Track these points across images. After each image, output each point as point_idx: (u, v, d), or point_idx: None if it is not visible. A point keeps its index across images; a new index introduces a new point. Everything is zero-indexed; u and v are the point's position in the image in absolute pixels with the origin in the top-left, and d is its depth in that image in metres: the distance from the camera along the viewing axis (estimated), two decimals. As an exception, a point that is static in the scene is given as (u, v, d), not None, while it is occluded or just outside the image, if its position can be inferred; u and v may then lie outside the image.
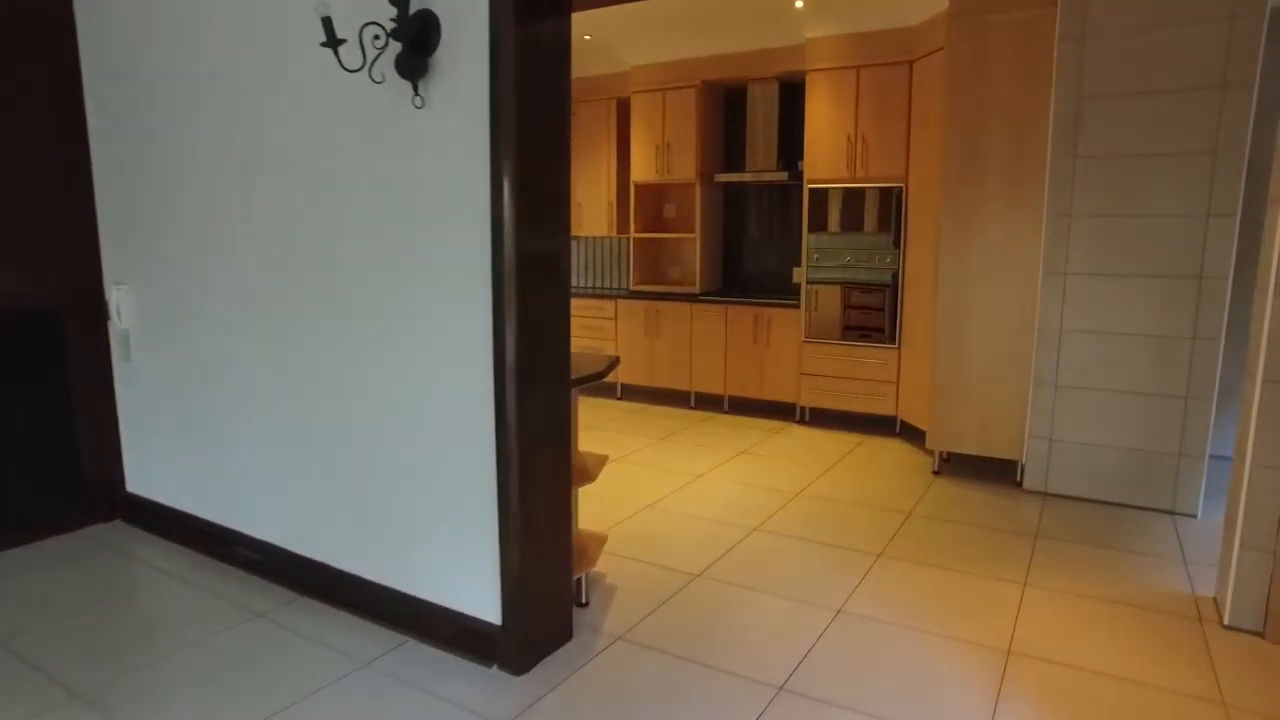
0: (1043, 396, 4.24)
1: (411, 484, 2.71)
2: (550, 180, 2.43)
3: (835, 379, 5.59)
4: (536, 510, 2.54)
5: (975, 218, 4.33)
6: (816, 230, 5.54)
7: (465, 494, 2.57)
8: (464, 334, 2.47)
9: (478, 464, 2.51)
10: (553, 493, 2.62)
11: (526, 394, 2.42)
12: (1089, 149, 3.98)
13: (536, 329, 2.44)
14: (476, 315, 2.43)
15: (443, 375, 2.56)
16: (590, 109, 6.74)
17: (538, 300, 2.44)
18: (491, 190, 2.32)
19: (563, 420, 2.61)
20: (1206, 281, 3.83)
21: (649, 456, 5.03)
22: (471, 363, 2.47)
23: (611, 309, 6.54)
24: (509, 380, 2.38)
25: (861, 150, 5.31)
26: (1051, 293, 4.14)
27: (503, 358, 2.39)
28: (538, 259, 2.41)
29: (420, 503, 2.70)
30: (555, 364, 2.55)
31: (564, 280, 2.55)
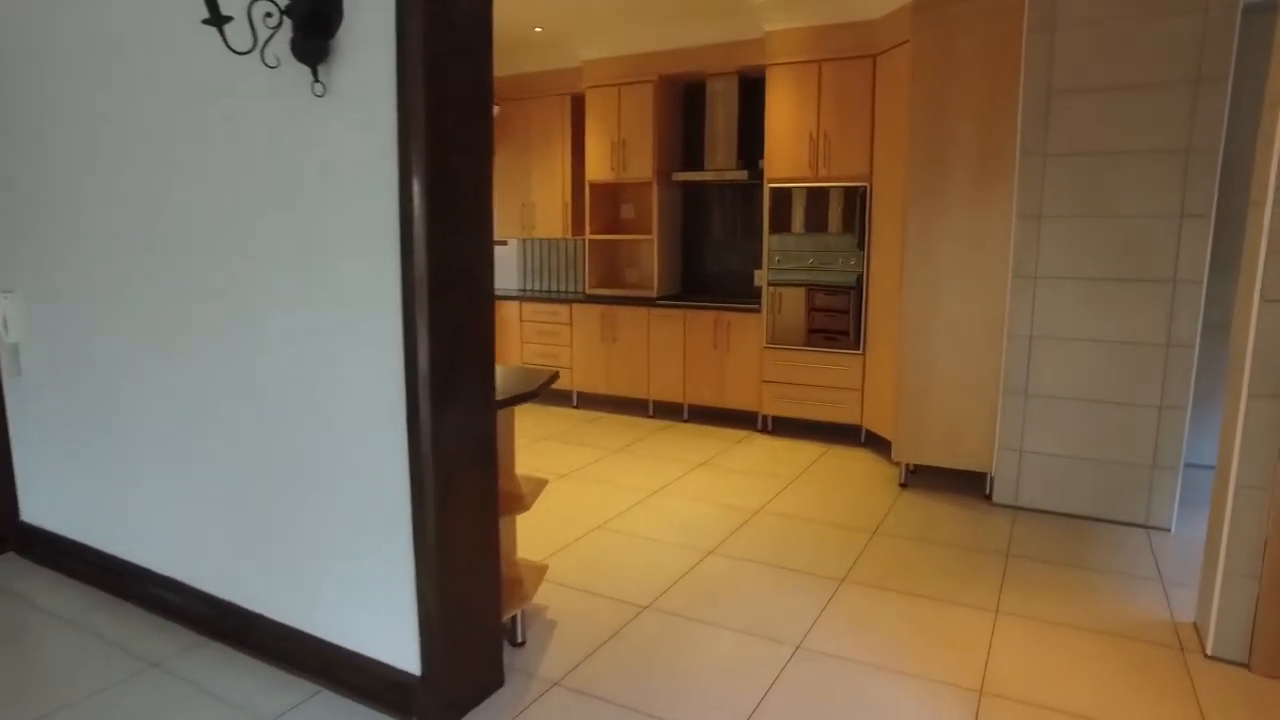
0: (1012, 406, 4.05)
1: (320, 516, 2.42)
2: (469, 176, 2.16)
3: (798, 386, 5.36)
4: (458, 545, 2.27)
5: (941, 218, 4.13)
6: (778, 231, 5.32)
7: (377, 528, 2.29)
8: (373, 350, 2.19)
9: (390, 495, 2.23)
10: (477, 525, 2.34)
11: (443, 416, 2.14)
12: (1059, 146, 3.79)
13: (454, 343, 2.17)
14: (386, 329, 2.15)
15: (350, 396, 2.27)
16: (544, 105, 6.46)
17: (455, 311, 2.16)
18: (400, 188, 2.05)
19: (487, 444, 2.34)
20: (1180, 286, 3.66)
21: (602, 470, 4.76)
22: (381, 382, 2.19)
23: (566, 314, 6.26)
24: (423, 402, 2.11)
25: (824, 148, 5.09)
26: (1021, 297, 3.95)
27: (415, 376, 2.11)
28: (455, 265, 2.14)
29: (330, 537, 2.41)
30: (478, 382, 2.27)
31: (486, 288, 2.27)
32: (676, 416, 6.02)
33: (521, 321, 6.49)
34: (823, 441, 5.39)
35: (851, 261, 5.09)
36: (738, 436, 5.54)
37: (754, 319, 5.48)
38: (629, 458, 5.03)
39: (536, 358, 6.45)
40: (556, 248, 6.97)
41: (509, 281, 7.24)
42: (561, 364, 6.33)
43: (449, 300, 2.13)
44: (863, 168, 4.98)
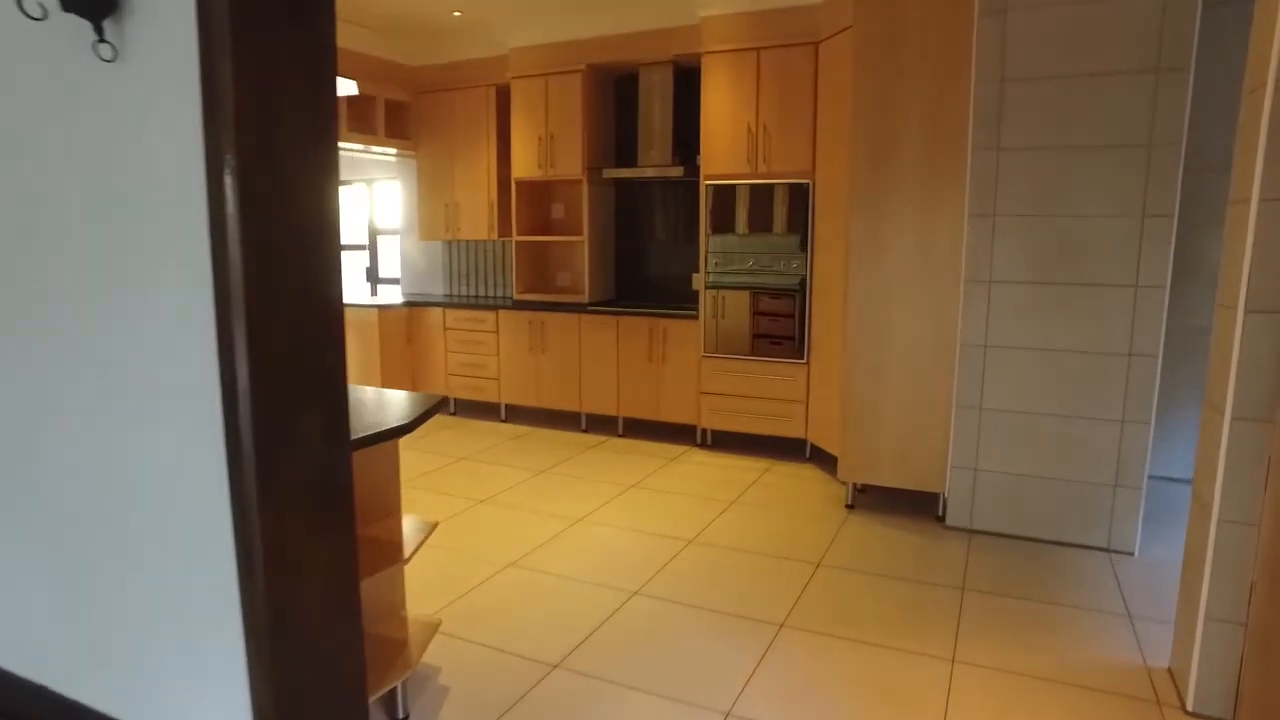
0: (966, 421, 3.74)
1: (143, 596, 1.96)
2: (307, 169, 1.72)
3: (738, 398, 5.01)
4: (302, 619, 1.83)
5: (888, 218, 3.80)
6: (716, 232, 4.95)
7: (205, 608, 1.84)
8: (181, 382, 1.74)
9: (212, 562, 1.79)
10: (330, 590, 1.90)
11: (274, 466, 1.70)
12: (1013, 140, 3.49)
13: (287, 371, 1.73)
14: (195, 363, 1.70)
15: (156, 442, 1.82)
16: (467, 98, 6.01)
17: (288, 337, 1.72)
18: (208, 182, 1.60)
19: (339, 493, 1.90)
20: (1143, 291, 3.38)
21: (524, 494, 4.34)
22: (194, 423, 1.74)
23: (492, 321, 5.82)
24: (246, 445, 1.67)
25: (764, 142, 4.74)
26: (974, 303, 3.64)
27: (235, 413, 1.67)
28: (287, 281, 1.70)
29: (155, 620, 1.95)
30: (324, 419, 1.84)
31: (331, 305, 1.84)
32: (611, 431, 5.62)
33: (446, 330, 6.03)
34: (765, 456, 5.04)
35: (794, 264, 4.75)
36: (675, 452, 5.16)
37: (691, 326, 5.11)
38: (555, 479, 4.61)
39: (462, 369, 5.99)
40: (483, 250, 6.51)
41: (435, 287, 6.77)
42: (488, 375, 5.89)
43: (279, 324, 1.69)
44: (805, 163, 4.65)
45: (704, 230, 4.98)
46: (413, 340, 6.17)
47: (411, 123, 6.27)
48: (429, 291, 6.77)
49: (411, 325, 6.15)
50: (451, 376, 6.05)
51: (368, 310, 5.90)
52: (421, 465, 4.86)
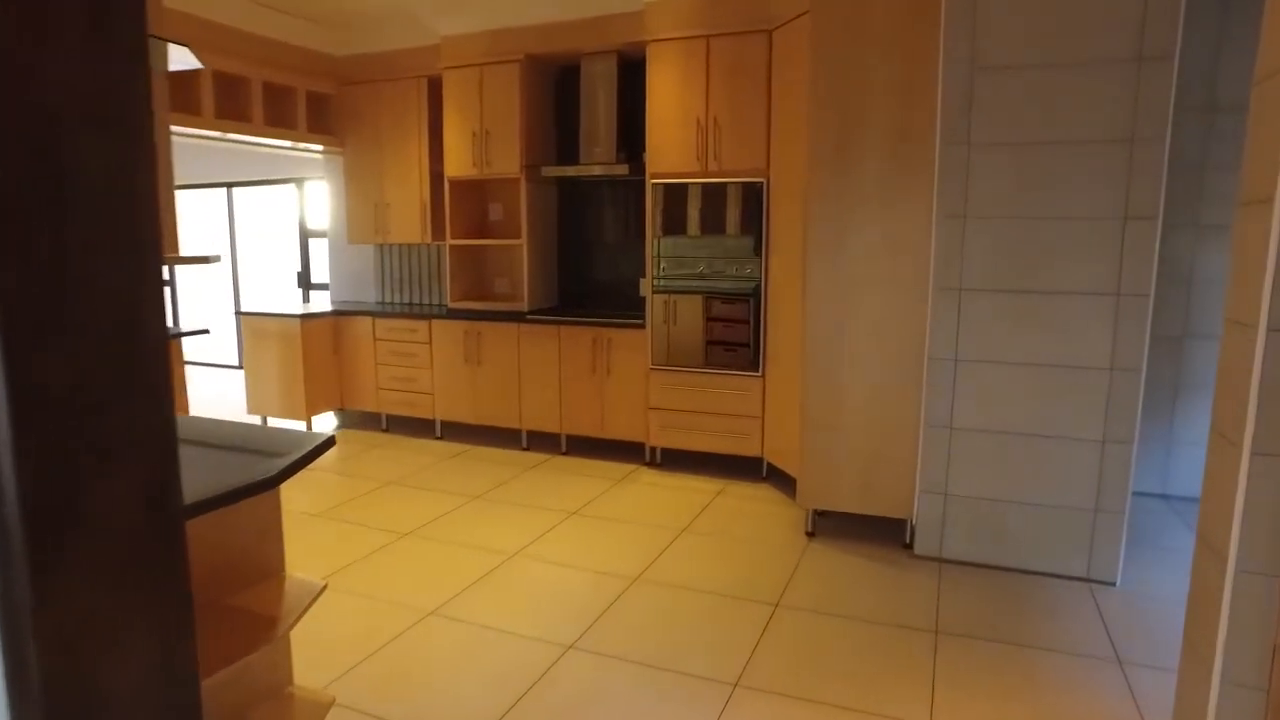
0: (935, 441, 3.43)
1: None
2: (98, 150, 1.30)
3: (689, 414, 4.65)
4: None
5: (849, 220, 3.47)
6: (664, 234, 4.59)
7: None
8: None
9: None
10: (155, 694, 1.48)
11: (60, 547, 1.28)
12: (985, 134, 3.18)
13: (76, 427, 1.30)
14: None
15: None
16: (398, 90, 5.56)
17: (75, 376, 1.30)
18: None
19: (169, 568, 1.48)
20: (1125, 300, 3.10)
21: (455, 524, 3.93)
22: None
23: (424, 331, 5.39)
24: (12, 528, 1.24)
25: (714, 137, 4.39)
26: (944, 313, 3.33)
27: (5, 487, 1.24)
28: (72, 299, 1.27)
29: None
30: (142, 479, 1.41)
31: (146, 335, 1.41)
32: (553, 449, 5.22)
33: (376, 341, 5.58)
34: (719, 476, 4.69)
35: (748, 269, 4.40)
36: (622, 472, 4.78)
37: (638, 336, 4.74)
38: (490, 506, 4.20)
39: (394, 383, 5.54)
40: (417, 255, 6.07)
41: (366, 294, 6.30)
42: (421, 389, 5.45)
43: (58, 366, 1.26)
44: (759, 160, 4.31)
45: (651, 232, 4.62)
46: (341, 353, 5.70)
47: (337, 117, 5.80)
48: (361, 299, 6.31)
49: (339, 336, 5.69)
50: (383, 391, 5.60)
51: (288, 321, 5.42)
52: (343, 492, 4.41)
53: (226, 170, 8.01)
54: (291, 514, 3.97)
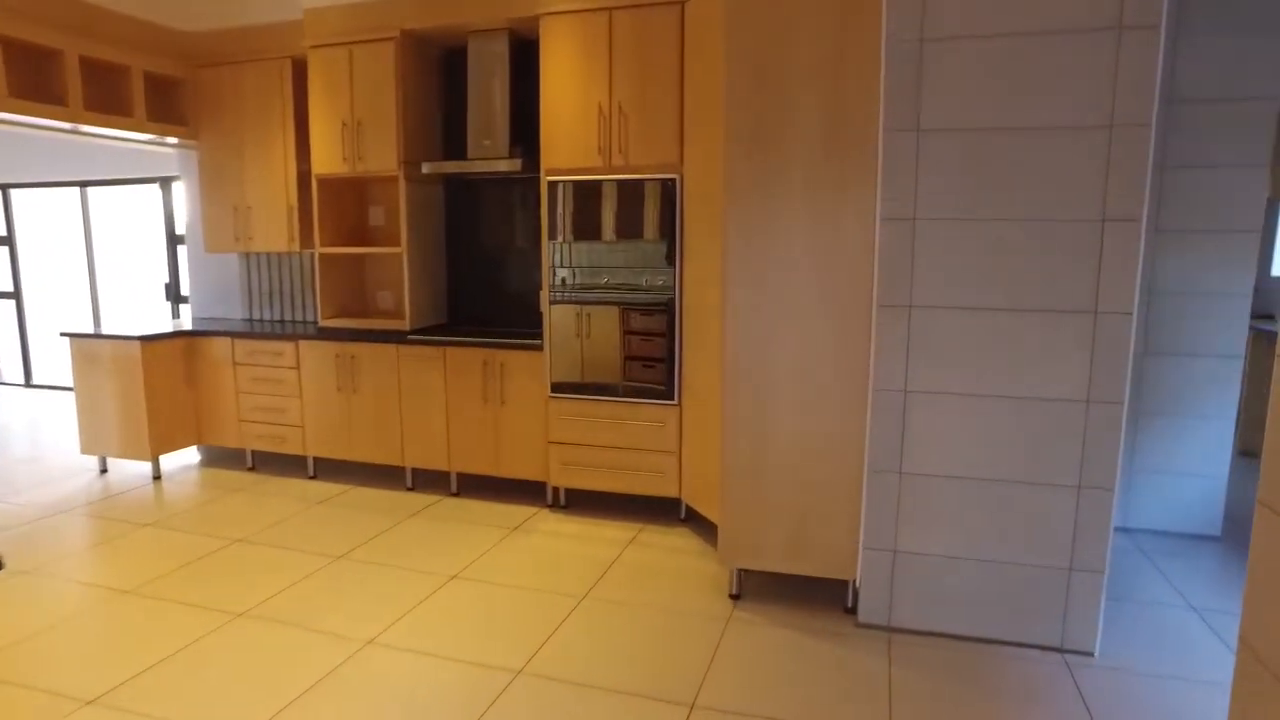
0: (881, 489, 2.85)
1: None
2: None
3: (595, 449, 4.00)
4: None
5: (775, 226, 2.87)
6: (562, 240, 3.93)
7: None
8: None
9: None
10: None
11: None
12: (937, 119, 2.62)
13: None
14: None
15: None
16: (259, 73, 4.77)
17: None
18: None
19: None
20: (1104, 319, 2.57)
21: (305, 597, 3.19)
22: None
23: (291, 353, 4.61)
24: None
25: (619, 127, 3.76)
26: (890, 336, 2.75)
27: None
28: None
29: None
30: None
31: None
32: (443, 489, 4.51)
33: (236, 365, 4.77)
34: (632, 519, 4.05)
35: (660, 280, 3.78)
36: (520, 517, 4.10)
37: (535, 358, 4.07)
38: (353, 570, 3.47)
39: (258, 414, 4.74)
40: (288, 265, 5.27)
41: (232, 310, 5.47)
42: (290, 421, 4.67)
43: None
44: (670, 155, 3.69)
45: (546, 238, 3.95)
46: (195, 380, 4.87)
47: (191, 105, 4.97)
48: (228, 315, 5.47)
49: (193, 360, 4.85)
50: (246, 424, 4.79)
51: (125, 343, 4.57)
52: (176, 555, 3.62)
53: (81, 167, 7.04)
54: (94, 592, 3.18)
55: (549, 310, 3.98)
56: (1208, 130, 3.75)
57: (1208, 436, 3.95)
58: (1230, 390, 3.91)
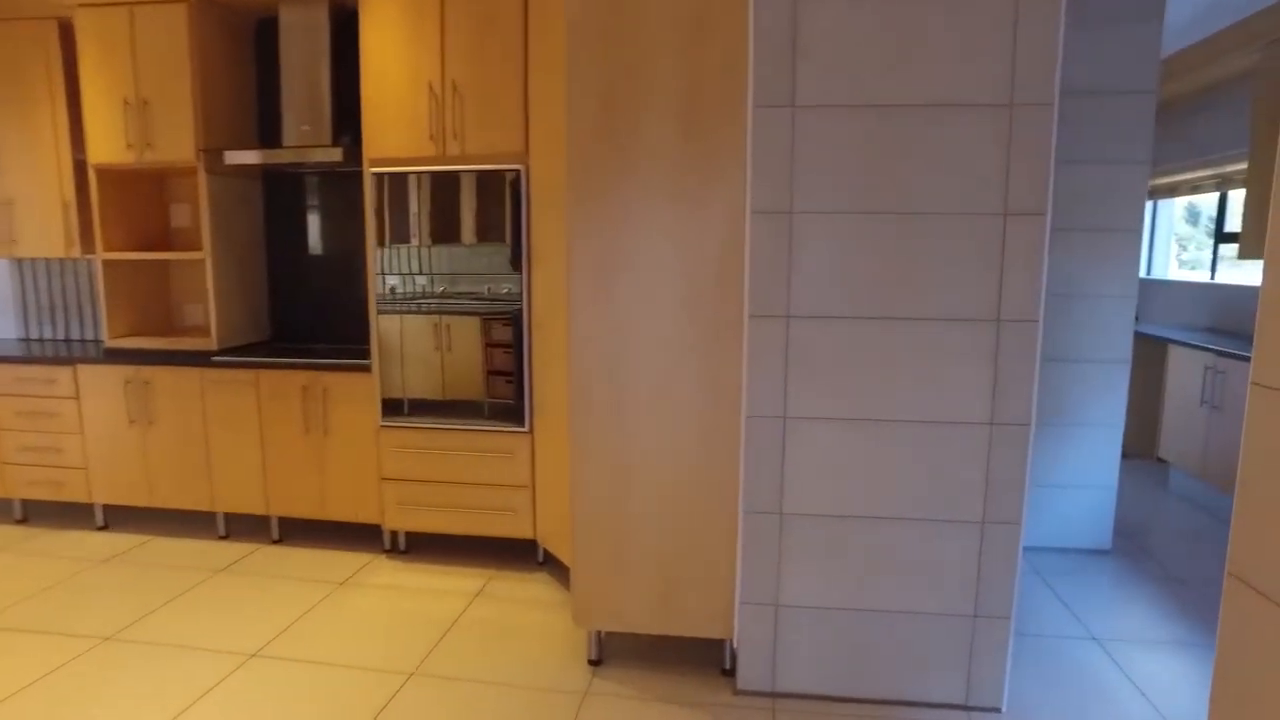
0: (759, 533, 2.41)
1: None
2: None
3: (436, 485, 3.43)
4: None
5: (627, 218, 2.40)
6: (392, 241, 3.35)
7: None
8: None
9: None
10: None
11: None
12: (815, 92, 2.20)
13: None
14: None
15: None
16: (13, 35, 3.93)
17: None
18: None
19: None
20: (1008, 329, 2.21)
21: (50, 700, 2.48)
22: None
23: (69, 381, 3.81)
24: None
25: (454, 110, 3.21)
26: (765, 351, 2.32)
27: None
28: None
29: None
30: None
31: None
32: (263, 536, 3.82)
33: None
34: (483, 564, 3.50)
35: (505, 288, 3.25)
36: (352, 567, 3.48)
37: (363, 382, 3.46)
38: (119, 656, 2.77)
39: (28, 455, 3.91)
40: (70, 274, 4.44)
41: (5, 328, 4.57)
42: (70, 463, 3.87)
43: None
44: (514, 142, 3.17)
45: (371, 239, 3.36)
46: (-50, 412, 3.99)
47: (-62, 80, 4.08)
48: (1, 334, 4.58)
49: (-54, 389, 3.97)
50: (11, 468, 3.95)
51: None
52: (-119, 646, 2.82)
53: None
54: None
55: (377, 324, 3.38)
56: (1086, 124, 3.54)
57: (1097, 445, 3.75)
58: (1118, 396, 3.72)
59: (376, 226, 3.33)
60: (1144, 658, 2.80)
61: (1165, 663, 2.76)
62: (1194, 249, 6.58)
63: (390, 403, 3.41)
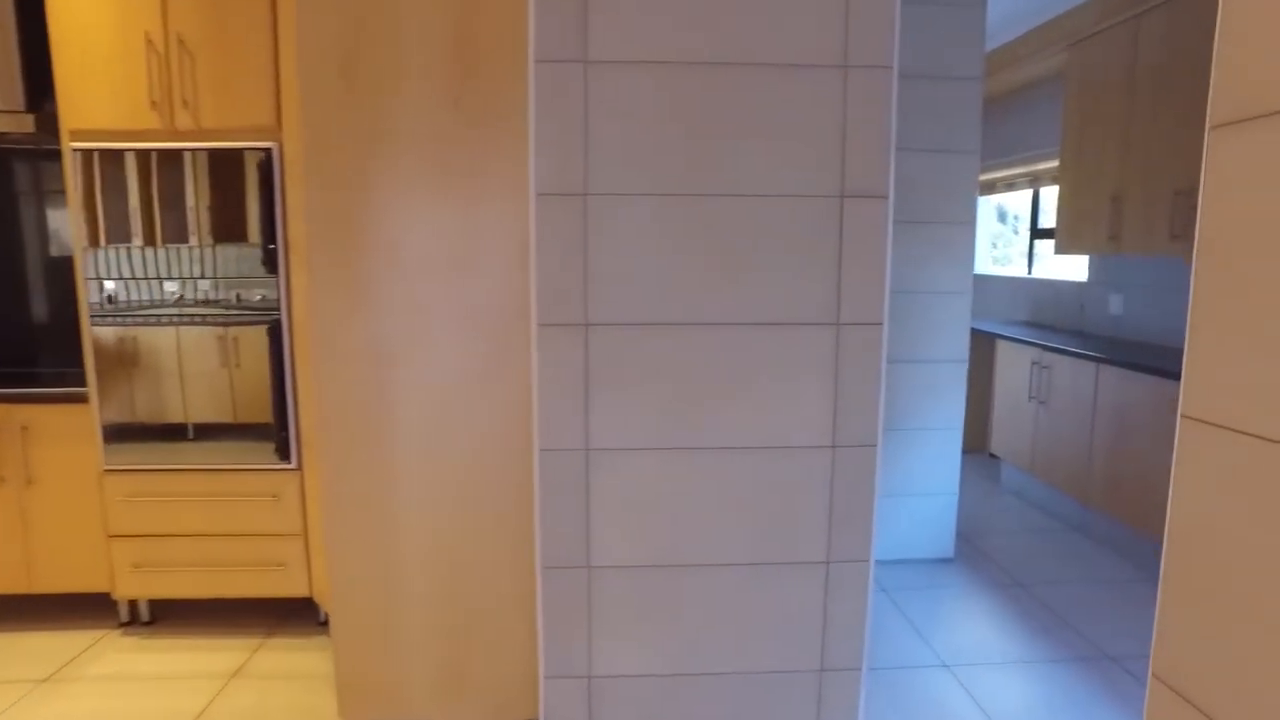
0: (564, 592, 1.95)
1: None
2: None
3: (183, 539, 2.76)
4: None
5: (386, 203, 1.88)
6: (109, 238, 2.65)
7: None
8: None
9: None
10: None
11: None
12: (612, 44, 1.76)
13: None
14: None
15: None
16: None
17: None
18: None
19: None
20: (849, 334, 1.87)
21: None
22: None
23: None
24: None
25: (183, 71, 2.56)
26: (560, 368, 1.86)
27: None
28: None
29: None
30: None
31: None
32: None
33: None
34: (251, 630, 2.86)
35: (259, 295, 2.64)
36: (65, 654, 2.74)
37: (79, 415, 2.74)
38: None
39: None
40: None
41: None
42: None
43: None
44: (263, 113, 2.56)
45: (80, 234, 2.65)
46: None
47: None
48: None
49: None
50: None
51: None
52: None
53: None
54: None
55: (93, 343, 2.67)
56: (914, 110, 3.34)
57: (938, 450, 3.57)
58: (957, 397, 3.55)
59: (86, 218, 2.62)
60: (992, 681, 2.58)
61: (1015, 687, 2.55)
62: (1003, 246, 6.76)
63: (116, 440, 2.70)
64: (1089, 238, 4.27)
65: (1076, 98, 4.43)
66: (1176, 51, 3.58)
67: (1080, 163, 4.36)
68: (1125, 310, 4.45)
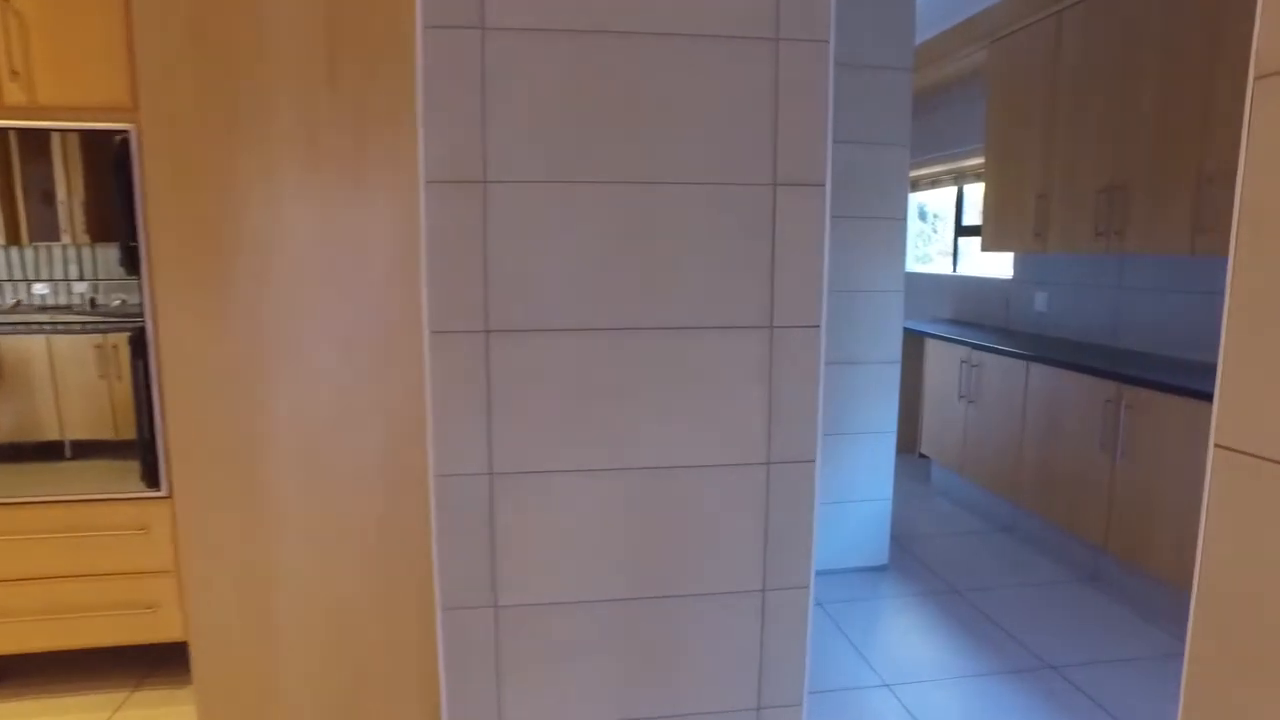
0: (469, 636, 1.71)
1: None
2: None
3: (32, 583, 2.40)
4: None
5: (249, 199, 1.61)
6: (-65, 236, 2.28)
7: None
8: None
9: None
10: None
11: None
12: (511, 9, 1.53)
13: None
14: None
15: None
16: None
17: None
18: None
19: None
20: (783, 337, 1.68)
21: None
22: None
23: None
24: None
25: (12, 36, 2.21)
26: (456, 381, 1.61)
27: None
28: None
29: None
30: None
31: None
32: None
33: None
34: (119, 681, 2.53)
35: (117, 300, 2.31)
36: (-106, 717, 2.36)
37: (-98, 442, 2.36)
38: None
39: None
40: None
41: None
42: None
43: None
44: (115, 89, 2.23)
45: (-104, 231, 2.28)
46: None
47: None
48: None
49: None
50: None
51: None
52: None
53: None
54: None
55: (-84, 355, 2.30)
56: (845, 100, 3.21)
57: (872, 455, 3.44)
58: (891, 400, 3.43)
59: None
60: (935, 699, 2.45)
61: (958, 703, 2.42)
62: (923, 245, 6.77)
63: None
64: (1016, 236, 4.22)
65: (1000, 95, 4.39)
66: (1097, 48, 3.54)
67: (1005, 161, 4.32)
68: (1049, 307, 4.42)
